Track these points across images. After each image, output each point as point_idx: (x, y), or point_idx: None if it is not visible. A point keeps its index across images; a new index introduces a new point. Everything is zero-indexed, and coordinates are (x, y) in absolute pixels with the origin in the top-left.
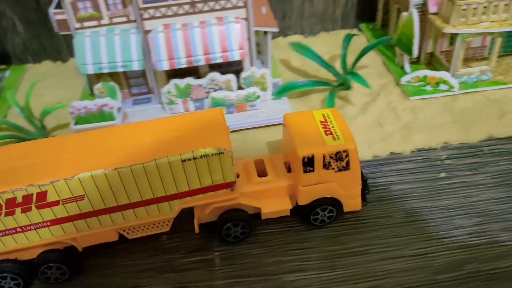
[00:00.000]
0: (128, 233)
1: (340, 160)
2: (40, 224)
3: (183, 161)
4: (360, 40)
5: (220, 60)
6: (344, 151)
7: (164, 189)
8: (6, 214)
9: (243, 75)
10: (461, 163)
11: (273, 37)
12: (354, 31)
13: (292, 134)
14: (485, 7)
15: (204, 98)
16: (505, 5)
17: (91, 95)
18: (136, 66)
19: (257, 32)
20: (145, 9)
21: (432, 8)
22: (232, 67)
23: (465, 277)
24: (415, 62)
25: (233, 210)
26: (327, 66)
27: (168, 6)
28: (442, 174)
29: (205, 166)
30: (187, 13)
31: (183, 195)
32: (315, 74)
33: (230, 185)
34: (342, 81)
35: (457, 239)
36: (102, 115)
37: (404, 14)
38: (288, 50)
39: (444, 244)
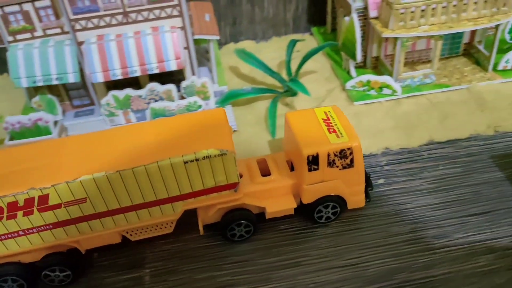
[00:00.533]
0: (131, 235)
1: (344, 157)
2: (42, 227)
3: (186, 162)
4: (312, 44)
5: (156, 71)
6: (349, 148)
7: (166, 190)
8: (8, 218)
9: (184, 84)
10: (400, 168)
11: (224, 43)
12: (306, 35)
13: (295, 133)
14: (423, 10)
15: (146, 109)
16: (443, 7)
17: (32, 108)
18: (72, 79)
19: (204, 40)
20: (76, 20)
21: (372, 13)
22: (175, 76)
23: (396, 286)
24: (362, 67)
25: (237, 210)
26: (272, 73)
27: (100, 17)
28: (381, 181)
29: (208, 167)
30: (121, 24)
31: (186, 197)
32: (263, 81)
33: (233, 186)
34: (287, 87)
35: (391, 247)
36: (37, 130)
37: (346, 19)
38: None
39: (378, 253)
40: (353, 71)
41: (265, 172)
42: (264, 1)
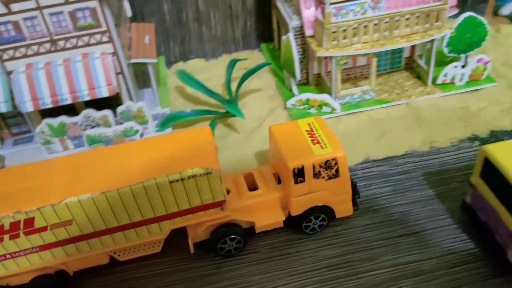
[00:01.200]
0: (119, 255)
1: (329, 168)
2: (29, 250)
3: (171, 182)
4: (261, 61)
5: (87, 98)
6: (333, 159)
7: (153, 210)
8: None
9: (119, 110)
10: None
11: (174, 62)
12: (256, 52)
13: (279, 146)
14: (355, 29)
15: (83, 135)
16: (375, 25)
17: None
18: (3, 108)
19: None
20: (4, 50)
21: (308, 31)
22: (113, 101)
23: None
24: (305, 84)
25: (226, 225)
26: (211, 94)
27: (28, 46)
28: None
29: (194, 186)
30: (49, 52)
31: (172, 216)
32: (207, 101)
33: (220, 204)
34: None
35: (319, 272)
36: None
37: (284, 37)
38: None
39: (306, 278)
40: (294, 89)
41: (253, 186)
42: (211, 20)
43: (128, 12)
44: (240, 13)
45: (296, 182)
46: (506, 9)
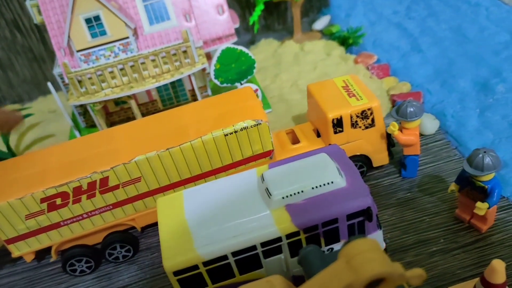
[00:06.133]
0: None
1: (366, 118)
2: (103, 208)
3: (226, 135)
4: None
5: None
6: (369, 109)
7: (210, 164)
8: (74, 202)
9: None
10: None
11: None
12: None
13: (318, 101)
14: (100, 75)
15: None
16: (121, 69)
17: None
18: None
19: None
20: None
21: (66, 79)
22: None
23: None
24: (94, 126)
25: None
26: None
27: None
28: None
29: (245, 137)
30: None
31: (227, 168)
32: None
33: (268, 154)
34: None
35: None
36: None
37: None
38: None
39: None
40: (76, 133)
41: (295, 141)
42: (15, 64)
43: None
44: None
45: (335, 132)
46: (319, 24)
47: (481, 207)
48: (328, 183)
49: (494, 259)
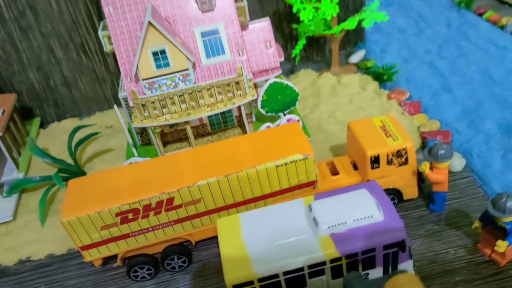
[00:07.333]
0: None
1: (400, 156)
2: (166, 224)
3: (277, 166)
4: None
5: None
6: (404, 149)
7: (261, 190)
8: (143, 217)
9: None
10: None
11: (52, 121)
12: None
13: (358, 138)
14: (162, 101)
15: None
16: (180, 96)
17: None
18: None
19: None
20: None
21: (131, 103)
22: None
23: None
24: (148, 143)
25: None
26: (54, 160)
27: None
28: None
29: (294, 169)
30: None
31: (275, 194)
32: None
33: (312, 183)
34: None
35: None
36: None
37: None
38: (57, 136)
39: None
40: (134, 151)
41: (334, 172)
42: (79, 83)
43: None
44: (106, 76)
45: (372, 168)
46: (355, 57)
47: (501, 245)
48: (368, 217)
49: None
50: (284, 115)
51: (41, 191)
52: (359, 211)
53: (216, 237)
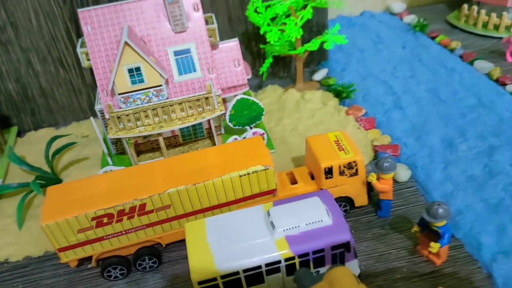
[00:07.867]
0: None
1: (351, 168)
2: (138, 228)
3: (240, 176)
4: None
5: None
6: (354, 161)
7: (226, 197)
8: (117, 222)
9: None
10: None
11: (28, 130)
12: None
13: (314, 152)
14: (136, 114)
15: None
16: (153, 110)
17: None
18: None
19: None
20: None
21: (107, 115)
22: None
23: None
24: (123, 153)
25: None
26: (32, 168)
27: None
28: None
29: (255, 179)
30: None
31: (239, 201)
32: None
33: (272, 192)
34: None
35: None
36: None
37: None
38: (34, 144)
39: None
40: (108, 159)
41: (293, 182)
42: (56, 94)
43: None
44: (82, 88)
45: (326, 178)
46: (318, 75)
47: (433, 247)
48: (318, 221)
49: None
50: (251, 128)
51: (18, 197)
52: (311, 216)
53: (184, 240)
